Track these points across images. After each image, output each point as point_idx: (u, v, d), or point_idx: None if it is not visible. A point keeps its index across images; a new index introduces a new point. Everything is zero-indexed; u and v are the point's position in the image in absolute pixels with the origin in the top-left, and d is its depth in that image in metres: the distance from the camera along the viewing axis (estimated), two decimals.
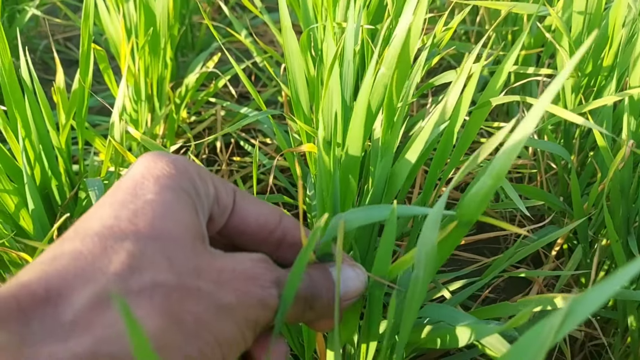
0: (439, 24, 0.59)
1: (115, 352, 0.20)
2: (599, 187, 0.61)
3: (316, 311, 0.30)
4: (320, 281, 0.30)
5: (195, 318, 0.23)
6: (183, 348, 0.22)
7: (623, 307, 0.63)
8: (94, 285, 0.22)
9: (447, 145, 0.46)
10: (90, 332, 0.20)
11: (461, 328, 0.37)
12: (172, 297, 0.22)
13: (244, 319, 0.25)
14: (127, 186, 0.26)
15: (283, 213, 0.33)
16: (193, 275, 0.24)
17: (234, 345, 0.24)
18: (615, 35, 0.70)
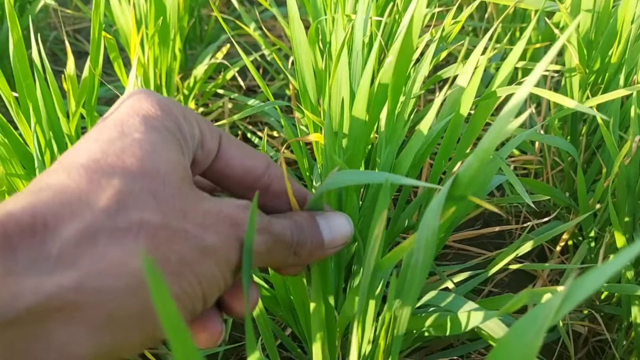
0: (448, 18, 0.59)
1: (101, 286, 0.20)
2: (605, 183, 0.61)
3: (300, 257, 0.30)
4: (306, 228, 0.30)
5: (180, 258, 0.23)
6: (167, 286, 0.22)
7: (627, 303, 0.63)
8: (80, 220, 0.21)
9: (452, 138, 0.46)
10: (76, 267, 0.20)
11: (462, 314, 0.37)
12: (158, 237, 0.23)
13: (225, 261, 0.25)
14: (113, 124, 0.26)
15: (271, 161, 0.32)
16: (179, 216, 0.24)
17: (214, 286, 0.25)
18: (623, 32, 0.70)
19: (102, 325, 0.20)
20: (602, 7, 0.75)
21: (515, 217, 0.84)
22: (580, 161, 0.77)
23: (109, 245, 0.21)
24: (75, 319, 0.19)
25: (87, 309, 0.20)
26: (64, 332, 0.19)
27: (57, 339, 0.19)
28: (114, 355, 0.21)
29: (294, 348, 0.66)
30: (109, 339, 0.20)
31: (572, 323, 0.69)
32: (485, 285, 0.74)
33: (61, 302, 0.19)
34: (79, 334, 0.19)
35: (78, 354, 0.19)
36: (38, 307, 0.19)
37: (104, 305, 0.20)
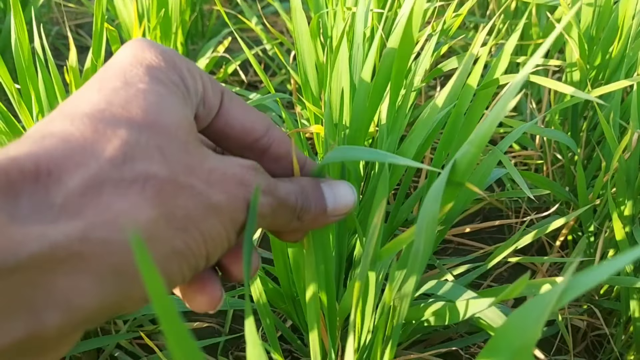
0: (449, 11, 0.59)
1: (106, 237, 0.20)
2: (604, 178, 0.61)
3: (302, 223, 0.30)
4: (311, 193, 0.30)
5: (185, 213, 0.23)
6: (171, 241, 0.22)
7: (626, 297, 0.64)
8: (85, 170, 0.21)
9: (453, 128, 0.46)
10: (81, 217, 0.20)
11: (461, 302, 0.37)
12: (164, 190, 0.22)
13: (230, 221, 0.25)
14: (115, 73, 0.25)
15: (272, 123, 0.32)
16: (185, 172, 0.24)
17: (218, 244, 0.24)
18: (624, 27, 0.70)
19: (106, 278, 0.19)
20: (603, 2, 0.75)
21: (515, 212, 0.84)
22: (581, 156, 0.77)
23: (114, 197, 0.21)
24: (79, 270, 0.19)
25: (91, 260, 0.19)
26: (68, 283, 0.19)
27: (60, 289, 0.18)
28: (116, 308, 0.20)
29: (295, 340, 0.66)
30: (113, 292, 0.20)
31: (571, 317, 0.70)
32: (485, 280, 0.74)
33: (66, 252, 0.18)
34: (83, 285, 0.19)
35: (81, 305, 0.19)
36: (42, 255, 0.18)
37: (109, 257, 0.19)
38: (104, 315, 0.20)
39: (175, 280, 0.23)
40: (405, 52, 0.43)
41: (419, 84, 0.57)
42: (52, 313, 0.18)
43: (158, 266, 0.21)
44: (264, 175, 0.28)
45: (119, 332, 0.70)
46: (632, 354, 0.66)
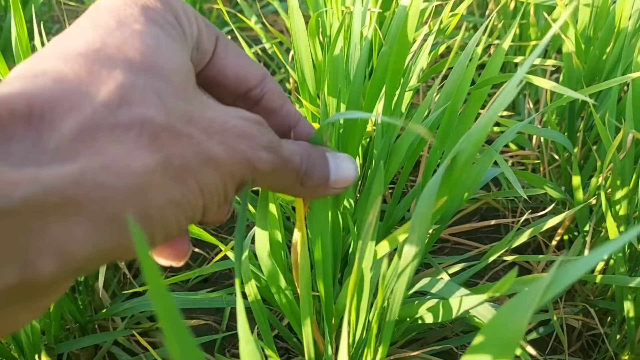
0: (446, 10, 0.59)
1: (102, 183, 0.19)
2: (599, 177, 0.61)
3: (305, 189, 0.29)
4: (316, 159, 0.29)
5: (182, 163, 0.21)
6: (167, 191, 0.21)
7: (621, 297, 0.64)
8: (79, 113, 0.20)
9: (448, 127, 0.47)
10: (75, 161, 0.19)
11: (454, 299, 0.38)
12: (161, 138, 0.21)
13: (229, 175, 0.23)
14: (108, 11, 0.24)
15: (267, 73, 0.30)
16: (184, 119, 0.22)
17: (215, 197, 0.23)
18: (621, 28, 0.71)
19: (101, 225, 0.18)
20: (600, 3, 0.75)
21: (512, 212, 0.84)
22: (577, 156, 0.78)
23: (109, 142, 0.20)
24: (73, 216, 0.18)
25: (86, 206, 0.18)
26: (61, 229, 0.18)
27: (54, 235, 0.18)
28: (110, 257, 0.19)
29: (290, 338, 0.66)
30: (107, 240, 0.19)
31: (566, 317, 0.70)
32: (480, 279, 0.75)
33: (60, 197, 0.18)
34: (77, 232, 0.18)
35: (75, 252, 0.18)
36: (35, 199, 0.17)
37: (104, 204, 0.19)
38: (98, 263, 0.19)
39: (171, 231, 0.22)
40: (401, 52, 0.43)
41: (415, 83, 0.57)
42: (46, 260, 0.17)
43: (154, 215, 0.20)
44: (267, 130, 0.26)
45: (116, 329, 0.71)
46: (626, 353, 0.66)
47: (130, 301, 0.68)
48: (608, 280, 0.59)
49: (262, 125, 0.26)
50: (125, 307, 0.67)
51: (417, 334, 0.64)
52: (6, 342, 0.59)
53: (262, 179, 0.26)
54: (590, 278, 0.64)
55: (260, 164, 0.25)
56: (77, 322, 0.69)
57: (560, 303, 0.71)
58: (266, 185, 0.27)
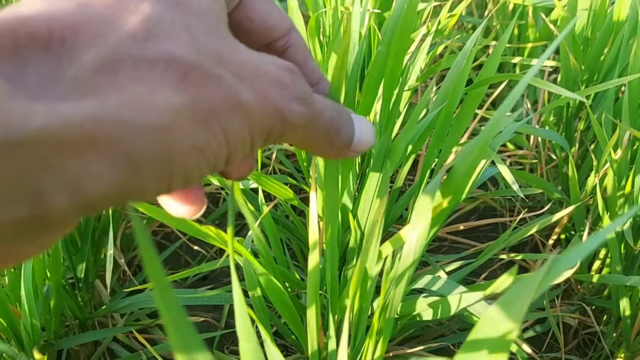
0: (443, 11, 0.60)
1: (122, 121, 0.17)
2: (596, 177, 0.62)
3: (332, 148, 0.27)
4: (346, 119, 0.28)
5: (210, 107, 0.20)
6: (191, 135, 0.19)
7: (617, 296, 0.64)
8: (103, 43, 0.18)
9: (444, 125, 0.47)
10: (94, 96, 0.18)
11: (452, 297, 0.38)
12: (188, 77, 0.19)
13: (258, 125, 0.22)
14: None
15: (294, 25, 0.29)
16: (214, 60, 0.21)
17: (240, 148, 0.21)
18: (618, 30, 0.71)
19: (118, 164, 0.17)
20: (598, 5, 0.76)
21: (509, 211, 0.85)
22: (575, 156, 0.78)
23: (132, 77, 0.18)
24: (91, 154, 0.17)
25: (104, 143, 0.17)
26: (77, 166, 0.17)
27: (69, 172, 0.16)
28: (124, 197, 0.18)
29: (289, 335, 0.67)
30: (124, 179, 0.18)
31: (563, 315, 0.70)
32: (477, 278, 0.75)
33: (77, 132, 0.16)
34: (93, 170, 0.17)
35: (89, 190, 0.17)
36: (53, 131, 0.16)
37: (123, 142, 0.17)
38: (111, 202, 0.18)
39: (191, 178, 0.20)
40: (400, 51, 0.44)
41: (413, 83, 0.57)
42: (59, 196, 0.16)
43: (175, 160, 0.19)
44: (301, 80, 0.24)
45: (115, 326, 0.71)
46: (622, 351, 0.67)
47: (129, 298, 0.68)
48: (604, 280, 0.60)
49: (295, 74, 0.24)
50: (125, 304, 0.68)
51: (414, 331, 0.65)
52: (6, 338, 0.59)
53: (291, 133, 0.24)
54: (586, 277, 0.65)
55: (292, 116, 0.23)
56: (76, 319, 0.69)
57: (556, 301, 0.72)
58: (295, 141, 0.25)
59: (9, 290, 0.57)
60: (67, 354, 0.70)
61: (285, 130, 0.23)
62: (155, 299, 0.18)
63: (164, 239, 0.87)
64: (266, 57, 0.23)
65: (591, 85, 0.78)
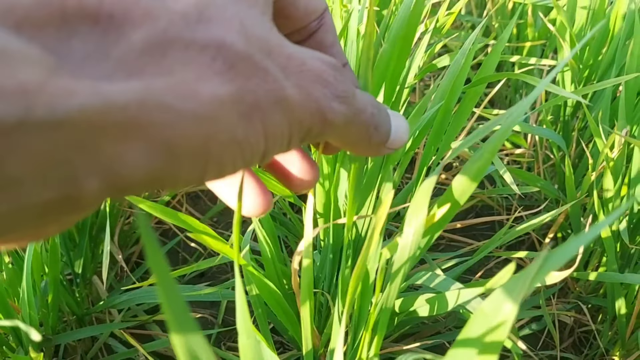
0: (442, 9, 0.60)
1: (167, 104, 0.17)
2: (592, 175, 0.62)
3: (370, 146, 0.26)
4: (384, 115, 0.27)
5: (254, 100, 0.19)
6: (232, 128, 0.19)
7: (612, 294, 0.65)
8: (153, 23, 0.18)
9: (442, 123, 0.47)
10: (140, 77, 0.17)
11: (448, 293, 0.39)
12: (236, 67, 0.19)
13: (297, 123, 0.21)
14: None
15: (327, 6, 0.28)
16: (263, 51, 0.20)
17: (277, 144, 0.21)
18: (615, 30, 0.71)
19: (156, 151, 0.17)
20: (597, 5, 0.76)
21: (506, 210, 0.85)
22: (572, 155, 0.79)
23: (180, 61, 0.18)
24: (130, 138, 0.16)
25: (145, 129, 0.16)
26: (115, 150, 0.16)
27: (107, 156, 0.16)
28: (157, 184, 0.18)
29: (286, 332, 0.67)
30: (160, 167, 0.17)
31: (559, 313, 0.71)
32: (473, 276, 0.75)
33: (120, 115, 0.16)
34: (131, 156, 0.16)
35: (124, 175, 0.16)
36: (94, 111, 0.15)
37: (164, 129, 0.17)
38: (143, 188, 0.18)
39: (224, 171, 0.20)
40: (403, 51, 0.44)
41: (412, 81, 0.58)
42: (93, 179, 0.16)
43: (213, 152, 0.18)
44: (343, 77, 0.23)
45: (113, 322, 0.71)
46: (617, 350, 0.67)
47: (127, 294, 0.68)
48: (600, 277, 0.60)
49: (338, 71, 0.23)
50: (122, 299, 0.68)
51: (410, 328, 0.65)
52: (4, 333, 0.60)
53: (331, 132, 0.23)
54: (583, 275, 0.65)
55: (332, 115, 0.22)
56: (74, 315, 0.69)
57: (552, 300, 0.72)
58: (333, 139, 0.25)
59: (8, 285, 0.58)
60: (64, 350, 0.70)
61: (325, 129, 0.23)
62: (158, 292, 0.18)
63: (162, 235, 0.87)
64: (310, 52, 0.23)
65: (589, 84, 0.78)
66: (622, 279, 0.56)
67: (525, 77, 0.45)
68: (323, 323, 0.66)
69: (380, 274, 0.40)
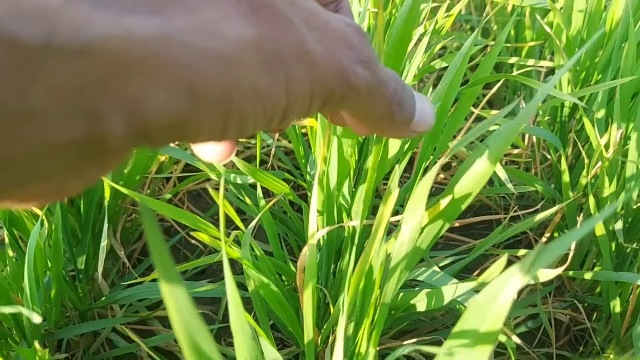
0: (441, 11, 0.61)
1: (190, 45, 0.16)
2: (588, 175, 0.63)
3: (393, 124, 0.25)
4: (408, 93, 0.26)
5: (276, 49, 0.19)
6: (254, 77, 0.18)
7: (607, 293, 0.66)
8: None
9: (439, 123, 0.48)
10: (162, 13, 0.17)
11: (445, 287, 0.39)
12: (259, 12, 0.18)
13: (320, 82, 0.20)
14: None
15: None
16: (286, 1, 0.19)
17: (298, 104, 0.20)
18: (612, 33, 0.72)
19: (179, 93, 0.16)
20: (593, 8, 0.77)
21: (504, 210, 0.86)
22: (568, 156, 0.80)
23: (203, 1, 0.17)
24: (154, 76, 0.16)
25: (168, 66, 0.16)
26: (139, 88, 0.15)
27: (130, 93, 0.15)
28: (178, 134, 0.17)
29: (285, 328, 0.68)
30: (181, 111, 0.16)
31: (555, 312, 0.72)
32: (470, 274, 0.76)
33: (143, 50, 0.15)
34: (154, 95, 0.16)
35: (147, 117, 0.16)
36: (117, 42, 0.15)
37: (187, 70, 0.16)
38: (166, 137, 0.17)
39: (246, 126, 0.19)
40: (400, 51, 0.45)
41: (410, 82, 0.59)
42: (116, 119, 0.15)
43: (234, 101, 0.18)
44: (367, 43, 0.23)
45: (115, 317, 0.72)
46: (612, 347, 0.68)
47: (128, 290, 0.69)
48: (596, 276, 0.61)
49: (362, 36, 0.22)
50: (124, 295, 0.69)
51: (408, 325, 0.66)
52: (8, 327, 0.61)
53: (352, 99, 0.22)
54: (578, 274, 0.66)
55: (355, 79, 0.21)
56: (76, 310, 0.70)
57: (549, 298, 0.73)
58: (354, 110, 0.24)
59: (12, 280, 0.59)
60: (67, 344, 0.71)
61: (347, 94, 0.21)
62: (160, 283, 0.18)
63: (163, 233, 0.88)
64: (334, 14, 0.22)
65: (585, 85, 0.79)
66: (617, 277, 0.57)
67: (523, 79, 0.46)
68: (321, 319, 0.67)
69: (380, 270, 0.41)
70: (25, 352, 0.50)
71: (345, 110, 0.24)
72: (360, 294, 0.47)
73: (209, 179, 0.92)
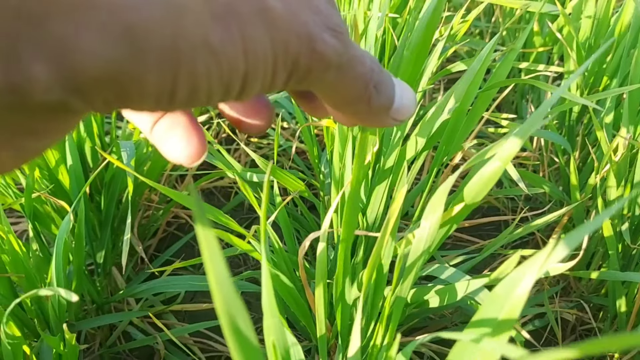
0: (456, 18, 0.63)
1: None
2: (596, 178, 0.65)
3: (370, 108, 0.23)
4: (386, 77, 0.24)
5: (228, 1, 0.17)
6: (205, 30, 0.16)
7: (613, 293, 0.67)
8: None
9: (455, 126, 0.50)
10: None
11: (458, 284, 0.41)
12: None
13: (283, 46, 0.18)
14: None
15: None
16: None
17: (260, 69, 0.18)
18: (621, 39, 0.74)
19: (115, 37, 0.14)
20: (602, 15, 0.79)
21: (512, 211, 0.88)
22: (577, 159, 0.81)
23: None
24: (84, 16, 0.14)
25: (101, 8, 0.14)
26: (66, 28, 0.14)
27: (55, 34, 0.14)
28: (119, 89, 0.15)
29: (298, 322, 0.70)
30: (120, 59, 0.15)
31: (561, 311, 0.73)
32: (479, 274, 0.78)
33: None
34: (85, 38, 0.14)
35: (77, 64, 0.14)
36: None
37: (125, 10, 0.14)
38: (105, 91, 0.15)
39: (199, 88, 0.17)
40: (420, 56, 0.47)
41: (425, 86, 0.60)
42: (40, 64, 0.14)
43: (183, 52, 0.16)
44: (336, 12, 0.21)
45: (131, 310, 0.74)
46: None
47: (145, 284, 0.71)
48: (602, 275, 0.63)
49: (331, 4, 0.20)
50: (141, 289, 0.70)
51: (418, 322, 0.68)
52: (30, 317, 0.62)
53: (321, 72, 0.20)
54: (585, 274, 0.67)
55: (323, 46, 0.19)
56: (94, 303, 0.72)
57: (555, 298, 0.75)
58: (324, 89, 0.21)
59: (36, 272, 0.60)
60: (84, 337, 0.73)
61: (314, 65, 0.19)
62: (201, 251, 0.17)
63: (177, 230, 0.90)
64: None
65: (594, 90, 0.81)
66: (624, 277, 0.59)
67: (540, 83, 0.48)
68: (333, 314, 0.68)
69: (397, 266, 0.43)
70: (52, 340, 0.52)
71: (316, 91, 0.21)
72: (372, 288, 0.49)
73: (222, 177, 0.94)
